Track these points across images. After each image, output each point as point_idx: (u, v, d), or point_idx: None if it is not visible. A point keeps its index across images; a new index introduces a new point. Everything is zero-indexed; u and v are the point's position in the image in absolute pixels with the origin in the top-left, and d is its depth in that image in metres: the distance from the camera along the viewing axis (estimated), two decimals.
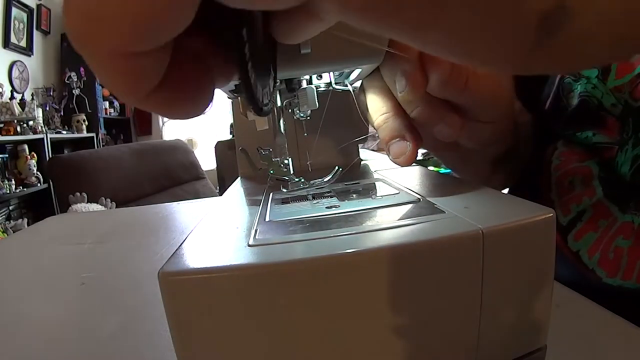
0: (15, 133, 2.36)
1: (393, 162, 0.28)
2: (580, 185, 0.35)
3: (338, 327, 0.18)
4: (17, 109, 2.38)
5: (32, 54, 2.82)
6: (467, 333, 0.19)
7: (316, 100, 0.32)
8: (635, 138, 0.32)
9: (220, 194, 1.78)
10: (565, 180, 0.36)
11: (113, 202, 1.67)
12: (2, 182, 2.29)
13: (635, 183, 0.32)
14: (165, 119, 3.73)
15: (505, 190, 0.47)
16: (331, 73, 0.35)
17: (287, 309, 0.18)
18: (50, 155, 2.50)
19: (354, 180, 0.34)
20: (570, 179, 0.36)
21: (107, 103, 3.45)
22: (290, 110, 0.37)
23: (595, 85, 0.34)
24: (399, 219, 0.21)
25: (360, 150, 0.48)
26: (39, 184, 2.52)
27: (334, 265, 0.17)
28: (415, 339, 0.19)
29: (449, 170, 0.48)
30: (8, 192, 2.30)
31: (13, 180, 2.37)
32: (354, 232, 0.20)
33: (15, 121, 2.37)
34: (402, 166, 0.28)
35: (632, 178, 0.32)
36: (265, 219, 0.25)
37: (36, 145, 2.56)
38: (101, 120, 3.24)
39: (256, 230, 0.22)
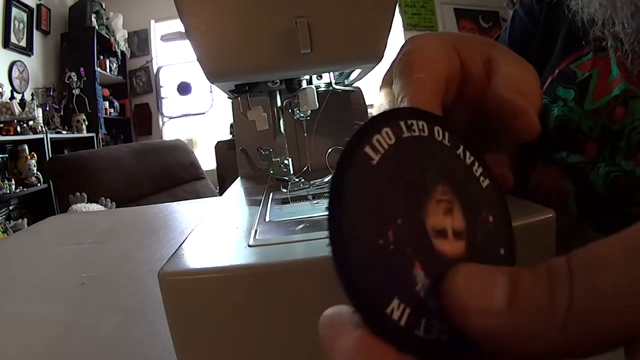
0: (15, 133, 2.36)
1: None
2: (556, 203, 0.34)
3: None
4: (17, 109, 2.38)
5: (32, 54, 2.82)
6: None
7: (316, 100, 0.32)
8: (610, 160, 0.31)
9: (220, 194, 1.77)
10: (541, 198, 0.36)
11: (113, 202, 1.67)
12: (2, 182, 2.28)
13: (611, 200, 0.31)
14: (166, 119, 3.74)
15: None
16: (331, 73, 0.35)
17: (287, 308, 0.18)
18: (50, 155, 2.50)
19: None
20: (547, 196, 0.35)
21: (107, 103, 3.44)
22: (290, 110, 0.37)
23: (572, 108, 0.34)
24: None
25: None
26: (39, 184, 2.52)
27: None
28: None
29: None
30: (8, 192, 2.30)
31: (13, 180, 2.37)
32: None
33: (15, 121, 2.37)
34: None
35: (608, 194, 0.31)
36: (265, 219, 0.25)
37: (36, 145, 2.55)
38: (101, 120, 3.24)
39: (256, 231, 0.22)
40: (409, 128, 0.14)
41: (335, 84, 0.36)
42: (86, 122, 3.05)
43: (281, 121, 0.36)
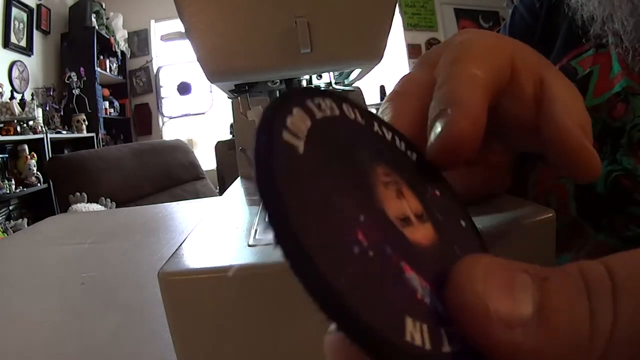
0: (15, 133, 2.36)
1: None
2: (556, 203, 0.34)
3: None
4: (17, 109, 2.38)
5: (32, 54, 2.82)
6: None
7: None
8: (611, 158, 0.31)
9: (220, 194, 1.77)
10: (541, 198, 0.35)
11: (113, 202, 1.67)
12: (2, 182, 2.29)
13: (611, 200, 0.31)
14: (166, 119, 3.74)
15: None
16: (331, 73, 0.35)
17: (287, 308, 0.18)
18: (50, 155, 2.50)
19: None
20: (546, 196, 0.35)
21: (107, 103, 3.44)
22: None
23: None
24: None
25: None
26: (39, 184, 2.52)
27: None
28: None
29: None
30: (8, 192, 2.30)
31: (13, 180, 2.37)
32: None
33: (15, 121, 2.37)
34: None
35: (608, 194, 0.31)
36: (265, 219, 0.25)
37: (36, 145, 2.55)
38: (101, 120, 3.24)
39: (256, 230, 0.22)
40: (319, 108, 0.12)
41: (335, 83, 0.36)
42: (86, 122, 3.06)
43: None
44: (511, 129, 0.21)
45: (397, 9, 0.28)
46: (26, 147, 2.49)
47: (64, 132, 2.87)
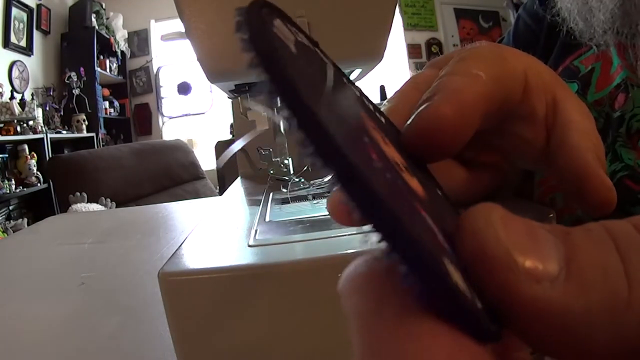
0: (15, 133, 2.36)
1: None
2: (561, 202, 0.34)
3: (338, 327, 0.18)
4: (17, 109, 2.38)
5: (32, 54, 2.82)
6: None
7: None
8: (612, 153, 0.31)
9: (220, 194, 1.77)
10: (546, 197, 0.35)
11: (113, 202, 1.67)
12: (2, 182, 2.29)
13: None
14: (166, 119, 3.74)
15: None
16: None
17: (287, 308, 0.18)
18: (50, 155, 2.50)
19: None
20: (552, 195, 0.35)
21: (107, 103, 3.44)
22: None
23: None
24: None
25: None
26: (39, 184, 2.52)
27: (333, 265, 0.17)
28: None
29: None
30: (8, 192, 2.30)
31: (13, 180, 2.37)
32: (354, 232, 0.20)
33: (15, 121, 2.37)
34: None
35: None
36: (265, 219, 0.25)
37: (36, 145, 2.55)
38: (101, 120, 3.24)
39: (256, 231, 0.22)
40: (297, 34, 0.11)
41: None
42: (86, 122, 3.06)
43: (281, 121, 0.36)
44: (516, 148, 0.20)
45: (397, 9, 0.28)
46: (26, 147, 2.49)
47: (64, 132, 2.87)
